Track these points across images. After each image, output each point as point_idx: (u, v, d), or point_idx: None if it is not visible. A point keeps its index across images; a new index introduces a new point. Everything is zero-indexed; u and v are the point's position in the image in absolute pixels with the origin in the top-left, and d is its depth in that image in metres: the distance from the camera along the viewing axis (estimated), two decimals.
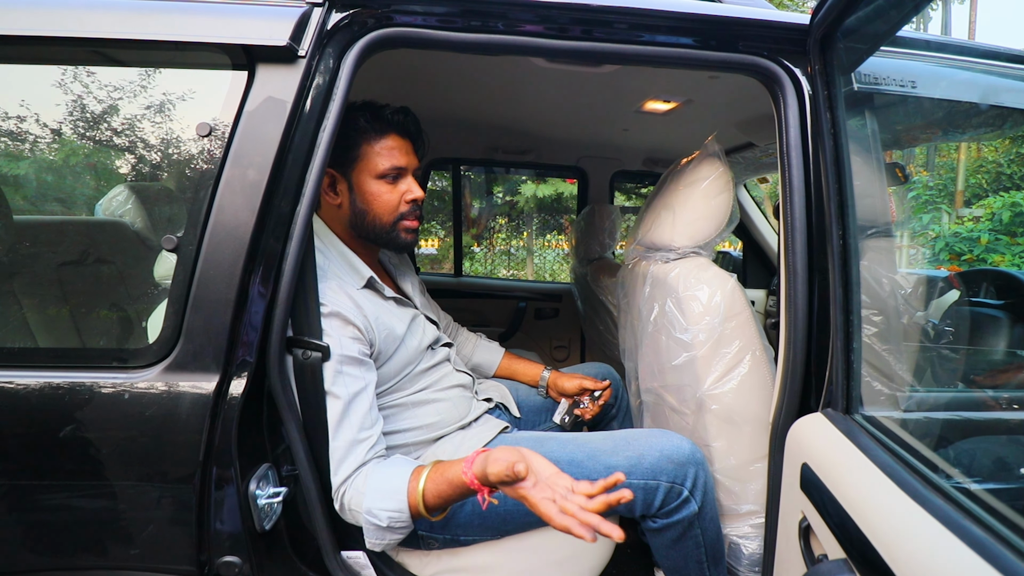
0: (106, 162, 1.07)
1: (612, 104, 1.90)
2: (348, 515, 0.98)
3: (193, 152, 0.93)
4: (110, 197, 1.27)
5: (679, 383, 1.22)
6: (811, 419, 0.89)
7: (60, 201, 1.19)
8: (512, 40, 0.99)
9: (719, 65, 1.04)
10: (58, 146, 1.01)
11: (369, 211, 1.14)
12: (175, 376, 0.88)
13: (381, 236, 1.17)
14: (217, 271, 0.88)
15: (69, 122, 0.99)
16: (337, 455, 0.97)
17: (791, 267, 0.99)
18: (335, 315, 1.00)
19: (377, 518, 0.93)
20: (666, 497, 1.09)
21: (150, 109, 0.95)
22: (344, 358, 1.00)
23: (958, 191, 7.71)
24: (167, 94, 0.94)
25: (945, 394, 1.11)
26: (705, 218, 1.24)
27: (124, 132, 0.99)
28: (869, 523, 0.65)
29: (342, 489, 0.97)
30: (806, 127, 1.00)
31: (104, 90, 0.96)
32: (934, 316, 1.60)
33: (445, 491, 0.92)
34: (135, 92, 0.95)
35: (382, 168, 1.13)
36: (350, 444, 0.98)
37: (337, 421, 0.98)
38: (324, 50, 0.93)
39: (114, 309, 1.05)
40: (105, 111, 0.97)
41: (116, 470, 0.88)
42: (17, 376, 0.87)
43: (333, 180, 1.14)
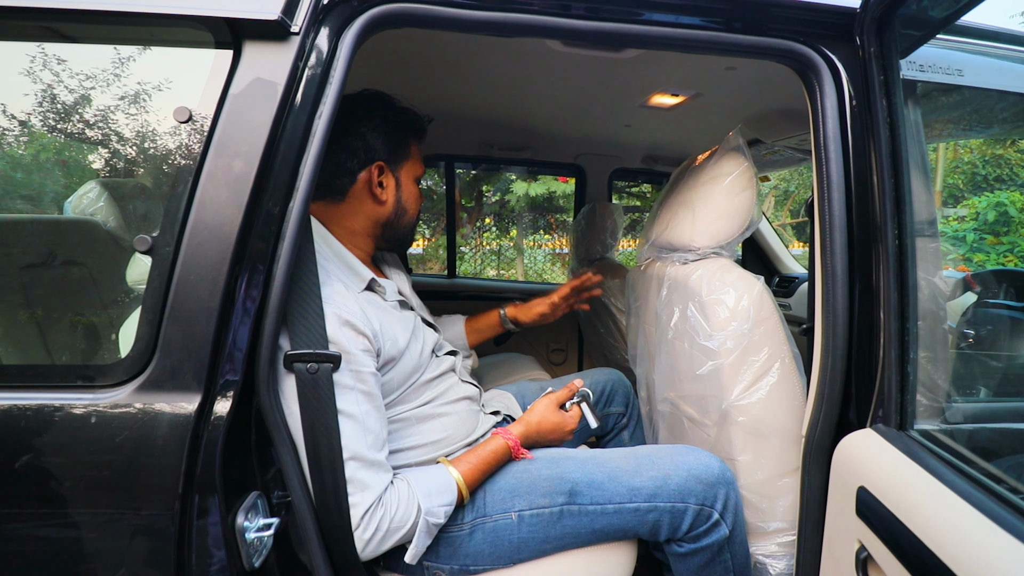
0: (72, 155, 0.95)
1: (616, 97, 1.82)
2: (385, 540, 0.91)
3: (170, 141, 0.82)
4: (80, 194, 1.15)
5: (701, 393, 1.14)
6: (862, 437, 0.81)
7: (24, 198, 1.07)
8: (528, 19, 0.89)
9: (749, 50, 0.96)
10: (16, 138, 0.89)
11: (409, 210, 1.13)
12: (150, 396, 0.77)
13: (405, 236, 1.15)
14: (198, 276, 0.77)
15: (28, 110, 0.87)
16: (359, 478, 0.88)
17: (829, 270, 0.92)
18: (347, 324, 0.90)
19: (436, 516, 0.95)
20: (695, 520, 1.02)
21: (121, 93, 0.83)
22: (355, 373, 0.90)
23: (936, 191, 7.81)
24: (140, 76, 0.83)
25: (990, 403, 1.05)
26: (728, 216, 1.16)
27: (91, 120, 0.87)
28: (955, 558, 0.57)
29: (377, 513, 0.89)
30: (845, 118, 0.92)
31: (68, 72, 0.84)
32: (951, 319, 1.55)
33: (481, 468, 1.03)
34: (104, 74, 0.83)
35: (420, 171, 1.14)
36: (371, 465, 0.90)
37: (354, 442, 0.88)
38: (320, 27, 0.83)
39: (80, 319, 0.93)
40: (69, 97, 0.85)
41: (82, 504, 0.76)
42: None
43: (382, 172, 1.08)
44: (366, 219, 1.09)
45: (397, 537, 0.92)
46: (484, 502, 1.03)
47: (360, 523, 0.88)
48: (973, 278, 1.62)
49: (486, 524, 1.01)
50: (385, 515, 0.90)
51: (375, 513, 0.89)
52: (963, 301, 1.59)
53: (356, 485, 0.88)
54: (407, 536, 0.93)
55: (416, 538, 0.93)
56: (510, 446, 1.07)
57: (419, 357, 1.07)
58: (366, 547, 0.89)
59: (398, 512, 0.91)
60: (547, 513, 1.01)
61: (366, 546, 0.89)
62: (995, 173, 8.15)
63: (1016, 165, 7.98)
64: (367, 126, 1.05)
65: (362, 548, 0.89)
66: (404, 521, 0.92)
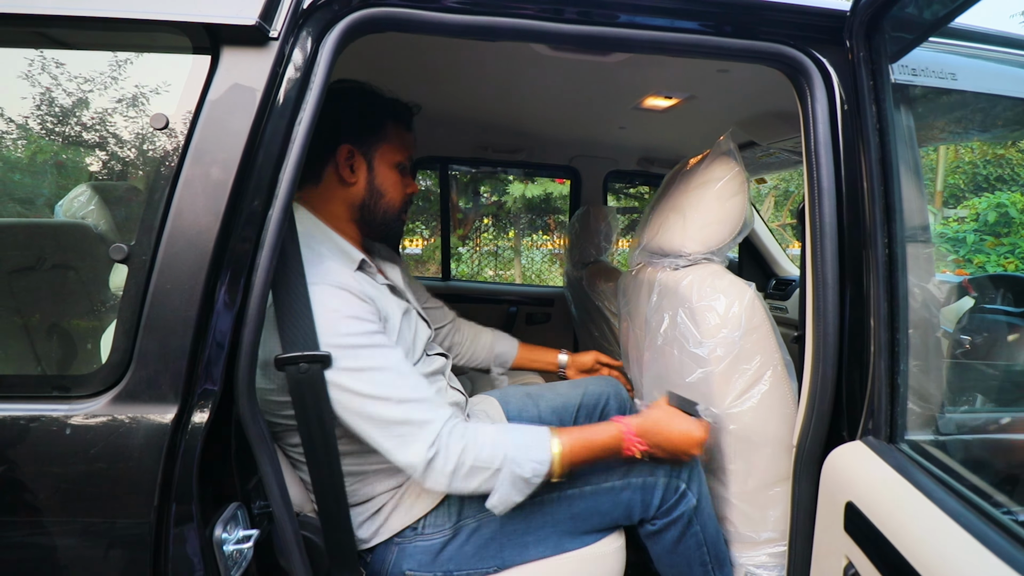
0: (46, 160, 0.94)
1: (610, 100, 1.81)
2: (457, 475, 0.89)
3: (147, 148, 0.81)
4: (71, 198, 1.14)
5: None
6: (851, 449, 0.79)
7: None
8: (513, 23, 0.88)
9: (739, 54, 0.94)
10: None
11: (385, 196, 1.10)
12: (126, 407, 0.76)
13: (386, 223, 1.12)
14: (175, 285, 0.76)
15: (12, 113, 0.86)
16: (413, 418, 0.89)
17: (820, 277, 0.90)
18: (345, 290, 0.91)
19: (520, 467, 0.91)
20: (664, 493, 1.06)
21: (99, 99, 0.82)
22: (369, 332, 0.91)
23: (937, 191, 7.78)
24: (119, 81, 0.81)
25: (984, 413, 1.03)
26: (719, 221, 1.15)
27: (67, 126, 0.86)
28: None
29: (455, 445, 0.89)
30: (836, 123, 0.91)
31: (45, 76, 0.83)
32: (947, 324, 1.53)
33: (586, 444, 0.97)
34: (83, 80, 0.82)
35: (399, 158, 1.11)
36: (421, 403, 0.91)
37: (396, 389, 0.89)
38: (300, 32, 0.81)
39: (59, 328, 0.92)
40: (45, 101, 0.84)
41: (58, 516, 0.75)
42: None
43: (351, 156, 1.05)
44: (341, 203, 1.08)
45: (480, 478, 0.91)
46: (466, 502, 1.03)
47: (434, 456, 0.88)
48: (970, 283, 1.60)
49: (469, 524, 1.01)
50: (467, 449, 0.90)
51: (450, 446, 0.89)
52: (960, 306, 1.58)
53: (415, 424, 0.89)
54: (490, 481, 0.91)
55: (500, 485, 0.91)
56: (623, 432, 1.00)
57: (412, 341, 1.07)
58: (452, 479, 0.89)
59: (484, 451, 0.90)
60: (527, 503, 1.00)
61: (452, 478, 0.89)
62: (996, 173, 8.13)
63: (1017, 165, 7.96)
64: (337, 109, 1.04)
65: (448, 480, 0.89)
66: (488, 462, 0.90)
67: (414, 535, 1.03)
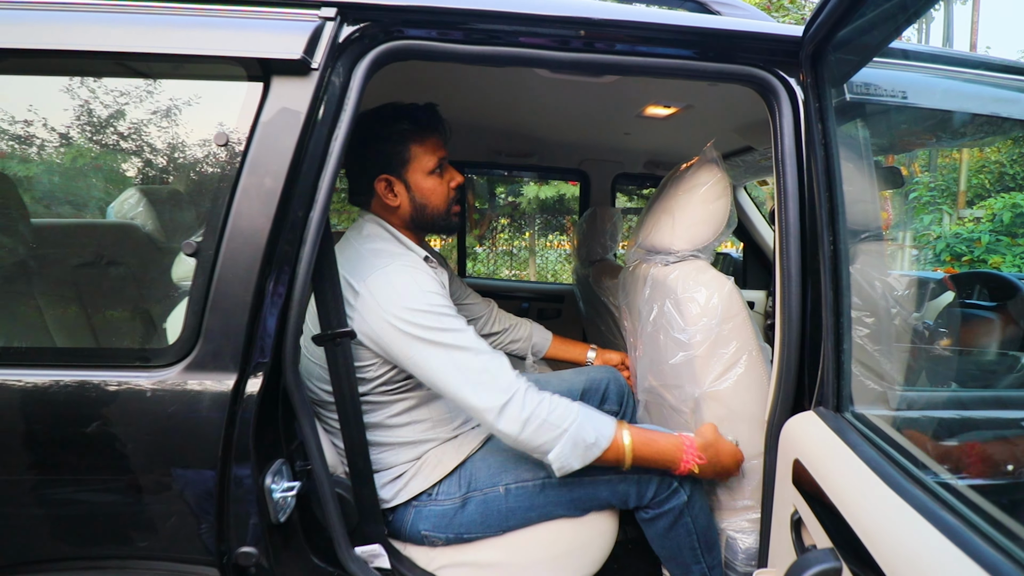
0: (127, 170, 1.11)
1: (613, 109, 1.94)
2: (530, 425, 1.01)
3: (212, 161, 0.97)
4: (123, 200, 1.32)
5: (677, 382, 1.26)
6: (803, 417, 0.92)
7: (83, 206, 1.24)
8: (516, 52, 1.02)
9: (717, 75, 1.08)
10: (79, 154, 1.05)
11: (429, 204, 1.24)
12: (195, 375, 0.92)
13: (438, 222, 1.27)
14: (234, 275, 0.92)
15: (90, 132, 1.03)
16: (491, 366, 1.03)
17: (786, 271, 1.03)
18: (420, 270, 1.09)
19: (586, 432, 1.03)
20: (658, 488, 1.16)
21: (172, 119, 0.99)
22: (445, 303, 1.07)
23: (960, 191, 7.71)
24: (188, 105, 0.98)
25: (937, 393, 1.15)
26: (704, 222, 1.28)
27: (148, 142, 1.03)
28: (854, 515, 0.69)
29: (517, 391, 1.02)
30: (800, 136, 1.04)
31: (128, 101, 1.00)
32: (929, 317, 1.64)
33: (651, 441, 1.10)
34: (158, 103, 0.99)
35: (432, 165, 1.23)
36: (496, 356, 1.06)
37: (470, 341, 1.05)
38: (336, 62, 0.97)
39: (138, 311, 1.09)
40: (129, 122, 1.01)
41: (141, 465, 0.92)
42: (48, 375, 0.91)
43: (389, 184, 1.21)
44: (397, 219, 1.25)
45: (550, 435, 1.02)
46: (475, 477, 1.17)
47: (509, 400, 1.01)
48: (950, 280, 1.71)
49: (476, 496, 1.15)
50: (543, 404, 1.03)
51: (524, 393, 1.02)
52: (941, 301, 1.68)
53: (492, 373, 1.03)
54: (556, 439, 1.02)
55: (562, 443, 1.02)
56: (685, 445, 1.11)
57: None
58: (524, 428, 1.01)
59: (557, 410, 1.03)
60: (531, 485, 1.14)
61: (524, 426, 1.01)
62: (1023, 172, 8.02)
63: None
64: (365, 150, 1.20)
65: (520, 428, 1.01)
66: (559, 421, 1.02)
67: (429, 500, 1.18)
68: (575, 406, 1.06)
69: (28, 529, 0.93)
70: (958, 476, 0.80)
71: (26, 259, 1.13)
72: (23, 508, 0.92)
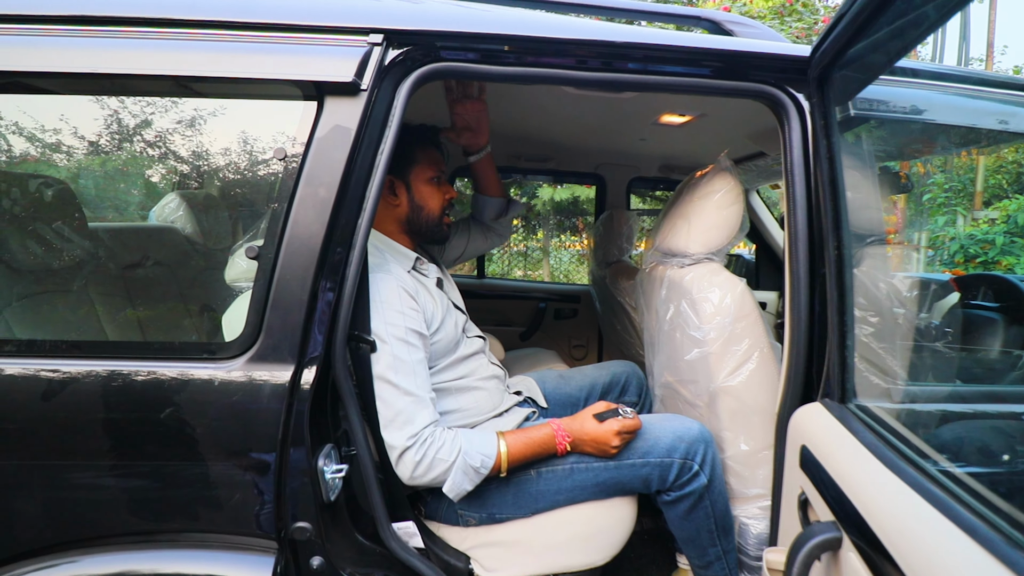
0: (194, 183, 1.22)
1: (629, 118, 2.03)
2: (420, 466, 1.11)
3: (272, 174, 1.07)
4: (162, 205, 1.43)
5: (693, 378, 1.34)
6: (810, 407, 1.01)
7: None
8: (544, 72, 1.11)
9: (730, 92, 1.16)
10: (152, 171, 1.16)
11: (425, 207, 1.37)
12: (257, 367, 1.02)
13: (430, 228, 1.39)
14: (292, 276, 1.02)
15: (163, 149, 1.14)
16: (409, 410, 1.13)
17: (795, 273, 1.11)
18: (403, 289, 1.18)
19: (472, 459, 1.14)
20: (679, 472, 1.24)
21: (237, 137, 1.09)
22: (408, 330, 1.16)
23: (977, 192, 7.66)
24: (251, 123, 1.08)
25: (936, 388, 1.22)
26: (717, 227, 1.36)
27: (215, 157, 1.14)
28: (854, 492, 0.77)
29: (420, 438, 1.11)
30: (807, 148, 1.12)
31: (193, 121, 1.11)
32: (935, 318, 1.71)
33: (526, 442, 1.20)
34: (225, 122, 1.09)
35: (432, 173, 1.37)
36: (420, 401, 1.14)
37: (406, 381, 1.13)
38: (382, 83, 1.06)
39: (206, 309, 1.20)
40: (196, 141, 1.11)
41: (209, 448, 1.02)
42: (126, 365, 1.01)
43: (392, 184, 1.33)
44: (393, 220, 1.36)
45: (439, 469, 1.12)
46: None
47: (410, 447, 1.11)
48: (956, 281, 1.77)
49: (510, 478, 1.24)
50: (433, 445, 1.12)
51: (423, 441, 1.12)
52: (947, 302, 1.75)
53: (407, 416, 1.12)
54: (447, 472, 1.13)
55: (453, 474, 1.13)
56: (555, 431, 1.22)
57: (453, 332, 1.33)
58: (415, 469, 1.11)
59: (444, 447, 1.13)
60: (560, 469, 1.23)
61: (415, 468, 1.11)
62: None
63: None
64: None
65: (412, 470, 1.11)
66: (447, 455, 1.12)
67: None
68: (460, 438, 1.16)
69: (113, 505, 1.04)
70: (952, 461, 0.88)
71: (107, 265, 1.25)
72: (108, 487, 1.03)
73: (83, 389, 1.00)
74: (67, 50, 0.99)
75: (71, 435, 1.01)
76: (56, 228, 1.15)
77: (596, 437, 1.21)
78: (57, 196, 1.16)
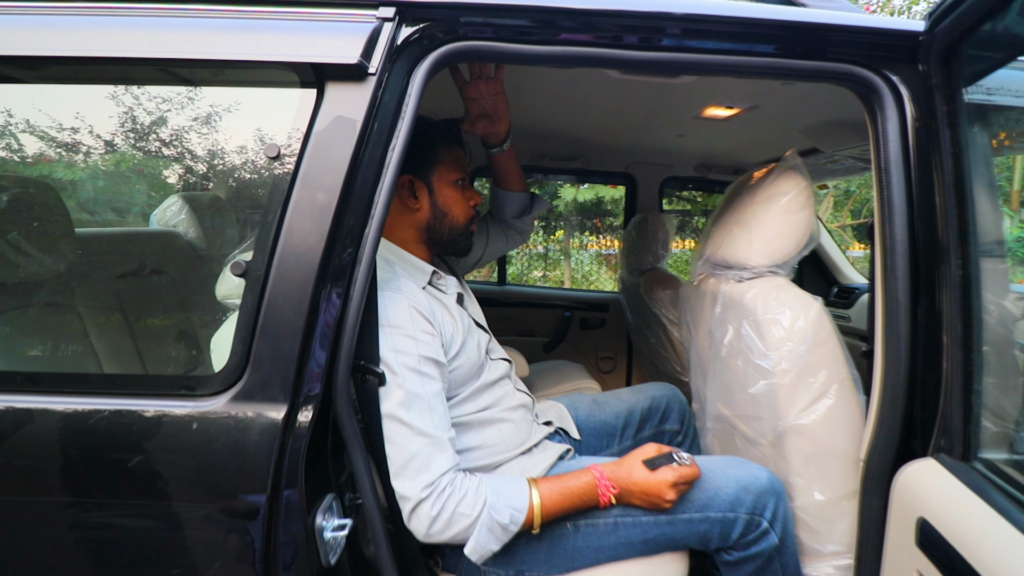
0: (170, 187, 1.06)
1: (670, 110, 1.83)
2: (438, 522, 0.92)
3: (261, 175, 0.90)
4: (170, 218, 1.27)
5: (756, 413, 1.14)
6: (923, 466, 0.81)
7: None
8: (587, 52, 0.93)
9: (808, 74, 0.96)
10: (116, 170, 1.00)
11: (450, 213, 1.19)
12: (242, 405, 0.85)
13: (453, 237, 1.21)
14: (286, 299, 0.85)
15: (134, 141, 0.98)
16: (424, 454, 0.93)
17: (892, 294, 0.91)
18: (415, 310, 1.00)
19: (499, 514, 0.94)
20: (745, 529, 1.05)
21: (219, 130, 0.92)
22: (422, 359, 0.98)
23: (1014, 191, 7.28)
24: (236, 114, 0.92)
25: None
26: (784, 235, 1.16)
27: (194, 154, 0.97)
28: None
29: (437, 488, 0.92)
30: (908, 142, 0.92)
31: (169, 110, 0.94)
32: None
33: (563, 492, 1.00)
34: (204, 112, 0.93)
35: (457, 175, 1.19)
36: (437, 443, 0.95)
37: (421, 420, 0.94)
38: (394, 66, 0.89)
39: (182, 337, 1.04)
40: (170, 133, 0.95)
41: (184, 500, 0.86)
42: (90, 402, 0.85)
43: (412, 186, 1.15)
44: (411, 227, 1.18)
45: (461, 525, 0.93)
46: None
47: (426, 498, 0.91)
48: None
49: (542, 531, 1.05)
50: (453, 496, 0.93)
51: (442, 491, 0.92)
52: None
53: (422, 461, 0.93)
54: (469, 528, 0.94)
55: (476, 531, 0.94)
56: (597, 479, 1.02)
57: (476, 355, 1.14)
58: (432, 524, 0.92)
59: (466, 498, 0.93)
60: (602, 523, 1.05)
61: (432, 523, 0.92)
62: None
63: None
64: None
65: (428, 525, 0.92)
66: (470, 508, 0.93)
67: None
68: (485, 487, 0.97)
69: (61, 561, 0.88)
70: None
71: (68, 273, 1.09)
72: (57, 540, 0.87)
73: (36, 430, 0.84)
74: (19, 30, 0.84)
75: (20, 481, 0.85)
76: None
77: (647, 489, 1.01)
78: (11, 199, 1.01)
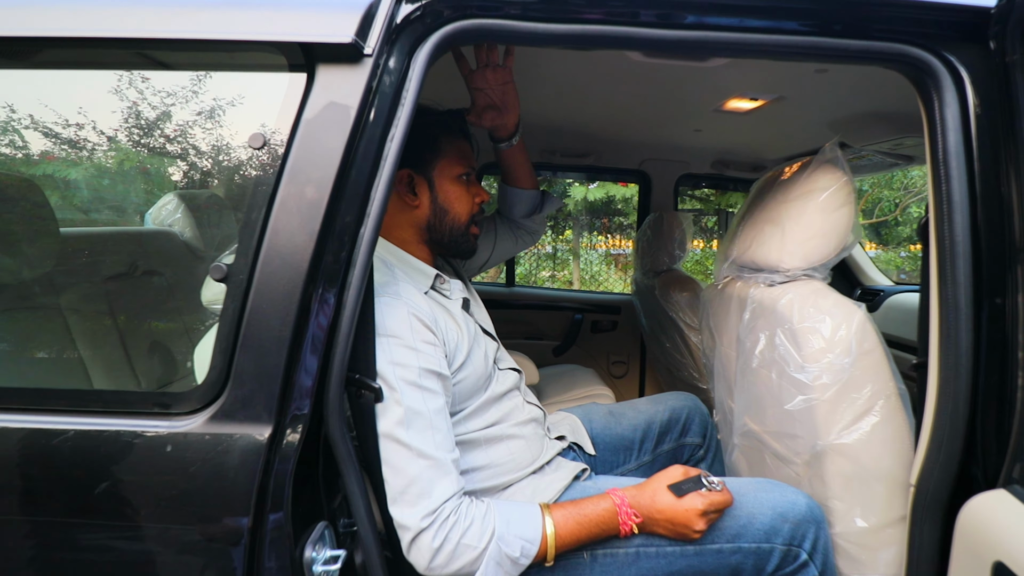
0: (151, 187, 0.97)
1: (688, 103, 1.73)
2: (441, 554, 0.83)
3: (244, 169, 0.81)
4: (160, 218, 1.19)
5: (791, 431, 1.04)
6: (997, 500, 0.70)
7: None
8: (610, 31, 0.83)
9: (852, 55, 0.86)
10: (94, 165, 0.91)
11: (451, 210, 1.10)
12: (222, 425, 0.76)
13: (454, 238, 1.11)
14: (271, 306, 0.76)
15: (111, 136, 0.89)
16: (425, 478, 0.84)
17: (950, 301, 0.81)
18: (415, 317, 0.90)
19: (509, 546, 0.85)
20: (781, 561, 0.95)
21: (198, 120, 0.83)
22: (423, 371, 0.88)
23: None
24: (218, 101, 0.83)
25: None
26: (822, 235, 1.06)
27: (168, 149, 0.88)
28: None
29: (439, 517, 0.83)
30: (970, 131, 0.82)
31: (148, 97, 0.85)
32: None
33: (580, 529, 0.91)
34: (183, 100, 0.84)
35: (460, 170, 1.10)
36: (439, 465, 0.85)
37: (420, 440, 0.85)
38: (393, 47, 0.80)
39: (156, 350, 0.95)
40: (147, 123, 0.86)
41: (155, 530, 0.77)
42: (48, 421, 0.77)
43: (411, 181, 1.06)
44: (409, 226, 1.09)
45: (466, 558, 0.84)
46: None
47: (427, 528, 0.82)
48: None
49: (556, 562, 0.96)
50: (457, 525, 0.84)
51: (444, 520, 0.83)
52: None
53: (423, 486, 0.84)
54: (475, 561, 0.84)
55: (483, 565, 0.84)
56: (617, 507, 0.92)
57: (485, 362, 1.05)
58: (434, 558, 0.83)
59: (472, 528, 0.84)
60: (622, 554, 0.95)
61: (434, 557, 0.83)
62: None
63: None
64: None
65: (430, 559, 0.83)
66: (476, 540, 0.84)
67: None
68: (493, 514, 0.87)
69: None
70: None
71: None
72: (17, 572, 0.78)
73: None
74: None
75: None
76: None
77: (674, 518, 0.91)
78: None
